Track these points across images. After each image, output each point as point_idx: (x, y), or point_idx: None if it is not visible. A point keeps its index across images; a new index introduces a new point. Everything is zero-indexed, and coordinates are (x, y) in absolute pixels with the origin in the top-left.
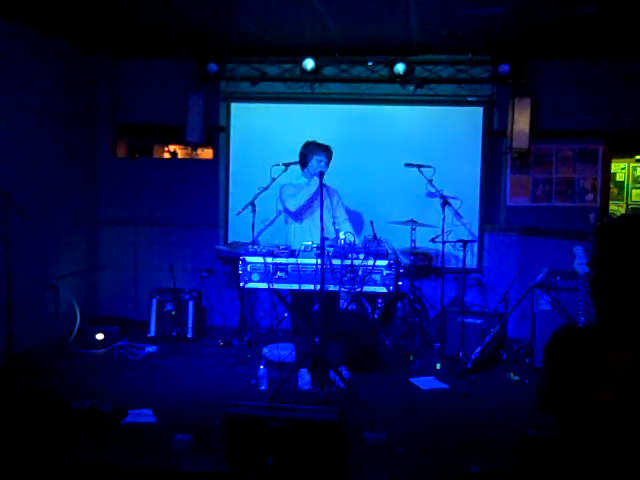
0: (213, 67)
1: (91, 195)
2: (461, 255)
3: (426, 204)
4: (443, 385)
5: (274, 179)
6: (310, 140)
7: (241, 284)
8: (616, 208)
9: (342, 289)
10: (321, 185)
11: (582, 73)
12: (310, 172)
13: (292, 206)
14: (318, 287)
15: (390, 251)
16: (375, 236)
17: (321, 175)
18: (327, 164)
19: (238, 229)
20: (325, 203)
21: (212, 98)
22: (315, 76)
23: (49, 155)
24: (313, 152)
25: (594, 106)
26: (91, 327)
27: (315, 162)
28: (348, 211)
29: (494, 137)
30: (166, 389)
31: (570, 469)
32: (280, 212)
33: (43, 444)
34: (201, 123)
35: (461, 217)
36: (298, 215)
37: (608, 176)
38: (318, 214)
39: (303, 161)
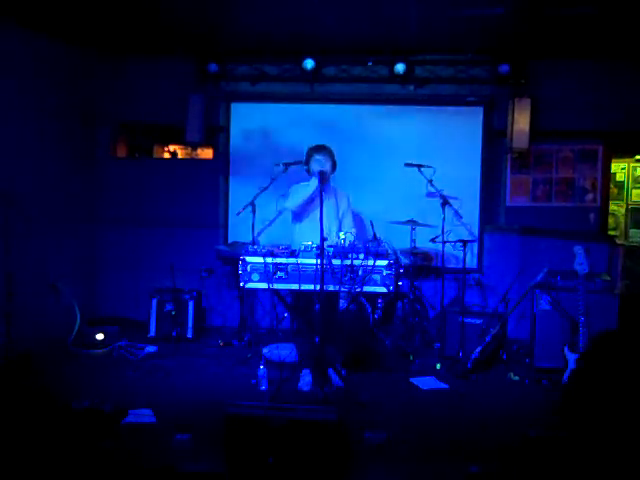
0: (213, 67)
1: (91, 195)
2: (461, 255)
3: (426, 204)
4: (443, 385)
5: (274, 179)
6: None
7: (241, 284)
8: (616, 208)
9: (342, 289)
10: (320, 184)
11: (582, 73)
12: (312, 174)
13: (291, 205)
14: (318, 287)
15: (390, 251)
16: (375, 236)
17: (321, 174)
18: (329, 163)
19: (238, 229)
20: (330, 204)
21: (212, 98)
22: (315, 76)
23: (49, 155)
24: (310, 154)
25: (594, 106)
26: (91, 327)
27: (313, 163)
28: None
29: (494, 137)
30: (166, 389)
31: (570, 469)
32: (280, 212)
33: (43, 444)
34: (201, 123)
35: (461, 217)
36: (300, 215)
37: (608, 176)
38: (318, 213)
39: (308, 168)
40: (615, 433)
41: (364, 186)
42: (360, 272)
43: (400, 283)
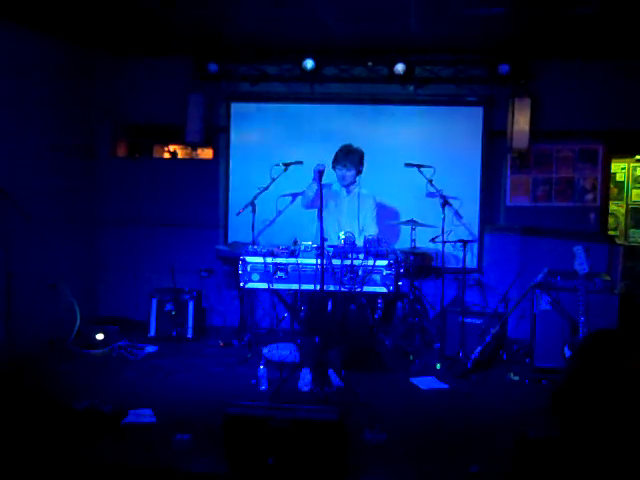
0: (213, 67)
1: (91, 195)
2: (461, 255)
3: (426, 204)
4: (443, 385)
5: (274, 179)
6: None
7: (241, 284)
8: (616, 208)
9: (342, 289)
10: (319, 184)
11: (582, 73)
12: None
13: (302, 204)
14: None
15: (390, 251)
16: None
17: (319, 174)
18: (353, 171)
19: (238, 229)
20: (351, 205)
21: (212, 98)
22: (315, 76)
23: (49, 155)
24: (336, 157)
25: (594, 106)
26: (91, 327)
27: (336, 169)
28: None
29: (494, 137)
30: (166, 389)
31: (569, 469)
32: (280, 212)
33: (43, 444)
34: (201, 123)
35: (461, 217)
36: (317, 213)
37: (608, 176)
38: (338, 214)
39: (334, 166)
40: (607, 432)
41: (364, 186)
42: (360, 272)
43: (400, 283)
